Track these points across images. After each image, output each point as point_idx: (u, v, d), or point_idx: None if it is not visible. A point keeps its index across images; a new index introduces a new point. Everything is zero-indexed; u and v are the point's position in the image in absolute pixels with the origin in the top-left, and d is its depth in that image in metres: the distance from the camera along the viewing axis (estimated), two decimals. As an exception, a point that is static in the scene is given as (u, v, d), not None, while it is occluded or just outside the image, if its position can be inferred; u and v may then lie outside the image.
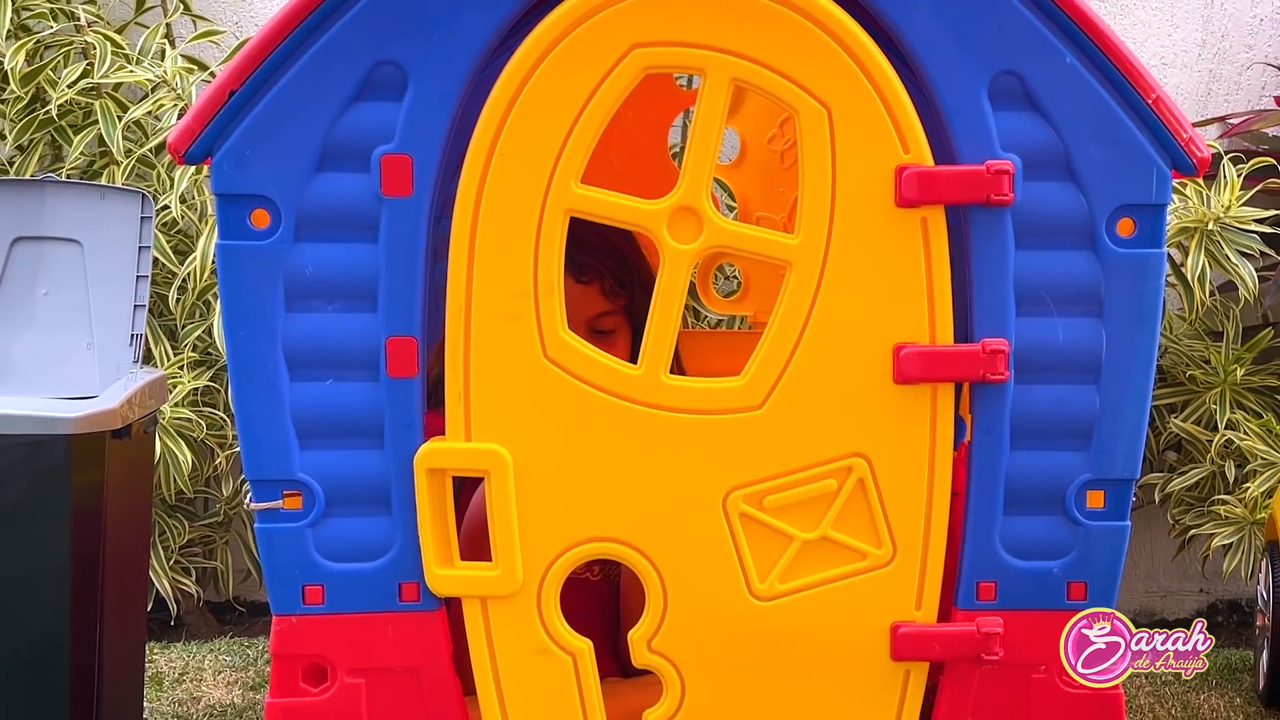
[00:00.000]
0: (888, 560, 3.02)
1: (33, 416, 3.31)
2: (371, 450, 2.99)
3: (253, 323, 2.96)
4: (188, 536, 5.30)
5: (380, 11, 2.90)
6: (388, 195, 2.93)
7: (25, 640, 3.34)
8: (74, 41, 5.22)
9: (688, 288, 3.03)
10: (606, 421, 2.97)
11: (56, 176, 5.05)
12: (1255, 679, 5.17)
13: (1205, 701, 4.99)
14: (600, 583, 3.46)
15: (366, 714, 3.03)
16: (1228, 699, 5.02)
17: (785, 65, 2.91)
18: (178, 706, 4.54)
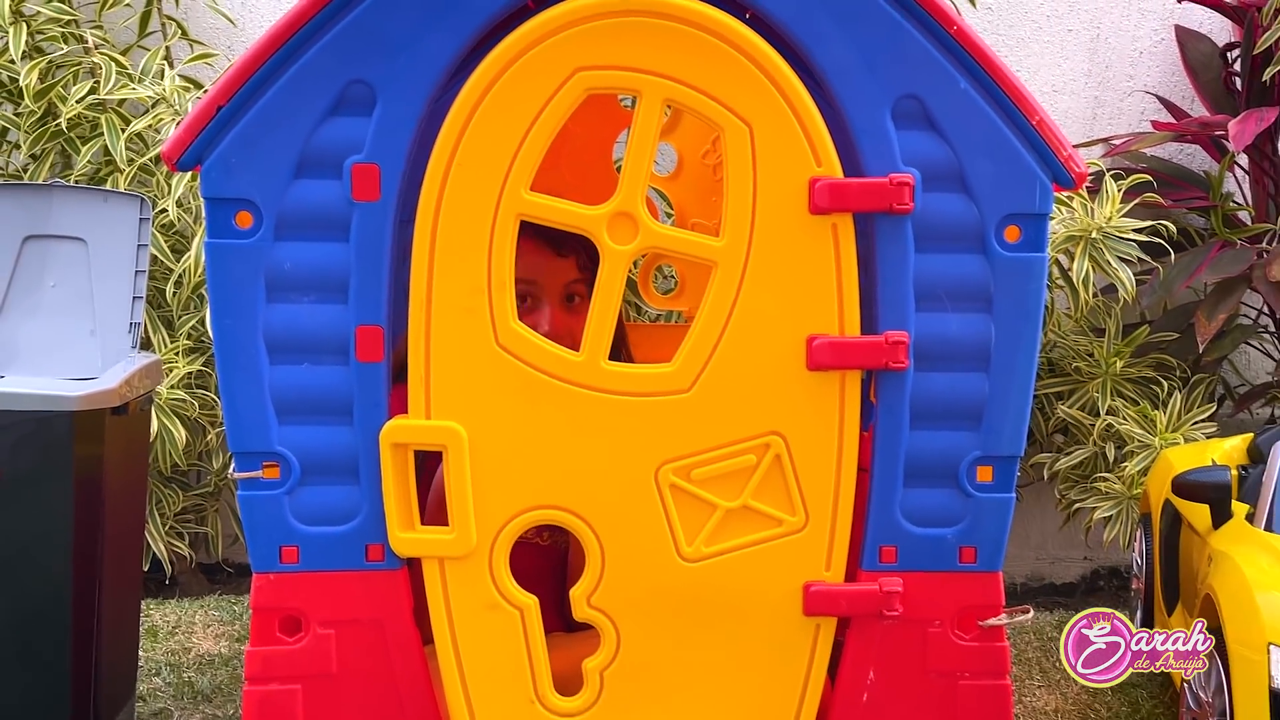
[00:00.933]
0: (801, 527, 3.03)
1: (40, 394, 3.30)
2: (342, 426, 3.00)
3: (237, 312, 2.97)
4: (182, 504, 5.28)
5: (352, 37, 2.90)
6: (358, 200, 2.93)
7: (32, 595, 3.33)
8: (82, 62, 5.19)
9: (624, 285, 3.04)
10: (551, 402, 2.98)
11: (64, 181, 5.05)
12: (1131, 635, 5.19)
13: (1087, 655, 5.01)
14: (550, 548, 3.46)
15: (336, 661, 3.04)
16: (1106, 653, 5.04)
17: (712, 88, 2.93)
18: (171, 656, 4.53)
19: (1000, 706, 3.13)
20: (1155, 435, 5.41)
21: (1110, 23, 5.99)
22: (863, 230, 2.99)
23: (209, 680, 4.34)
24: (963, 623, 3.11)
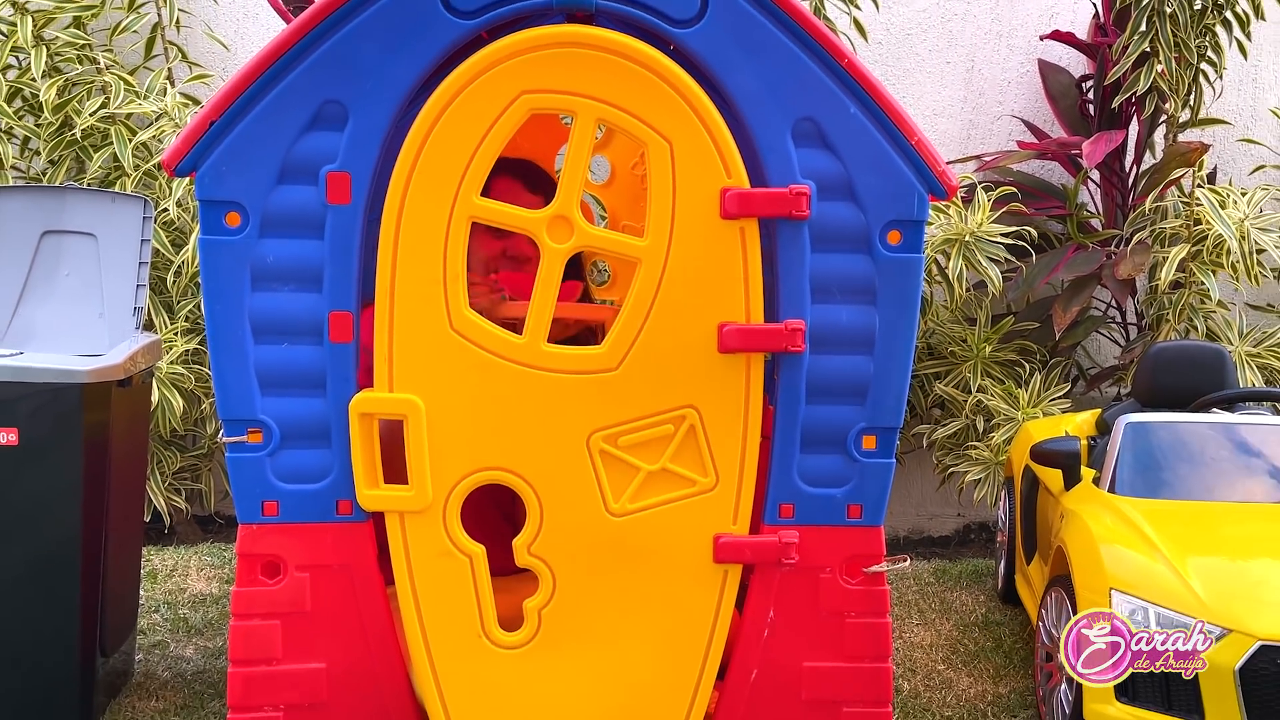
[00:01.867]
0: (712, 487, 3.05)
1: (54, 369, 3.28)
2: (316, 398, 3.00)
3: (226, 299, 2.96)
4: (179, 464, 5.26)
5: (327, 63, 2.89)
6: (331, 203, 2.93)
7: (47, 542, 3.32)
8: (95, 80, 5.15)
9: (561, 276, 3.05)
10: (497, 378, 2.98)
11: (77, 184, 5.02)
12: (995, 581, 5.25)
13: (958, 598, 5.07)
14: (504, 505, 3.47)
15: (310, 601, 3.04)
16: (974, 596, 5.10)
17: (638, 109, 2.94)
18: (168, 595, 4.52)
19: (881, 641, 3.16)
20: (1018, 410, 5.46)
21: (983, 56, 6.02)
22: (767, 232, 3.01)
23: (201, 616, 4.33)
24: (849, 569, 3.13)
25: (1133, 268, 5.35)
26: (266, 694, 3.05)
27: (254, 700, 3.05)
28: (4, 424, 3.28)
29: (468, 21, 2.92)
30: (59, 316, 3.70)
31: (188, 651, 4.02)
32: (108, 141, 5.07)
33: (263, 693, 3.05)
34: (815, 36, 2.95)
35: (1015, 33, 5.94)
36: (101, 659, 3.50)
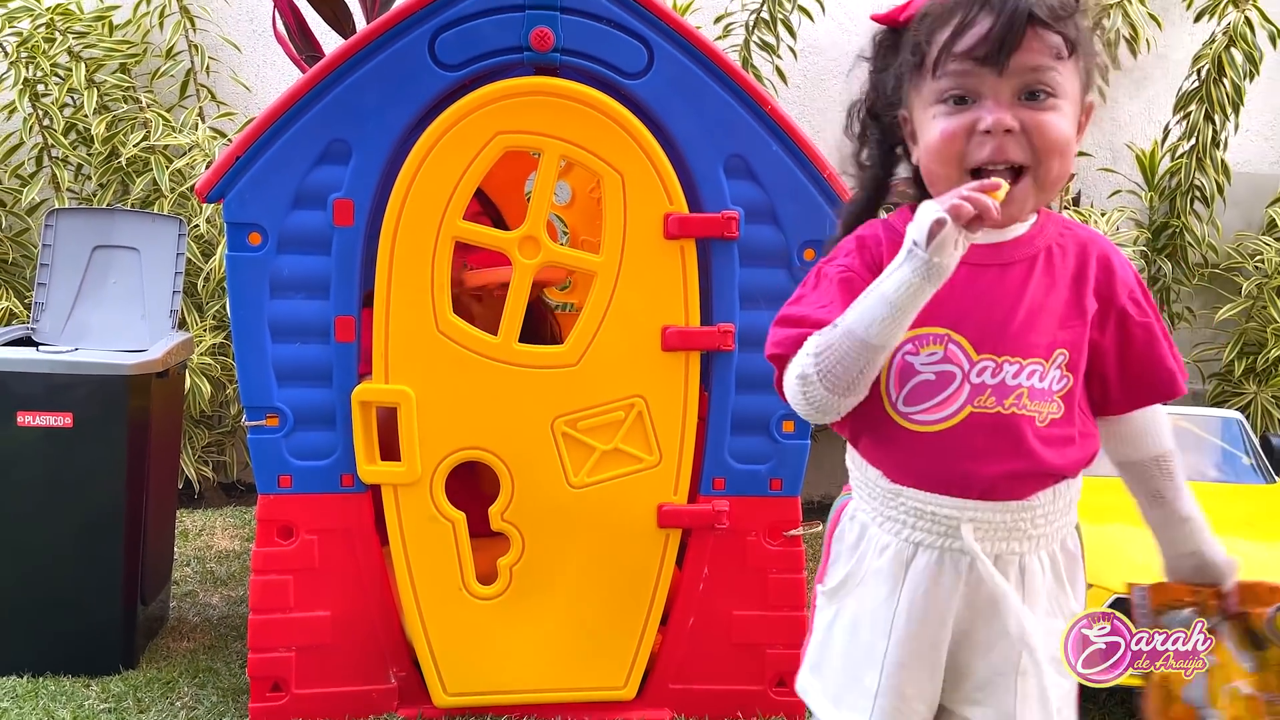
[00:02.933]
0: (656, 463, 3.08)
1: (104, 363, 3.28)
2: (324, 389, 3.01)
3: (248, 305, 2.97)
4: (207, 440, 5.25)
5: (335, 107, 2.90)
6: (337, 225, 2.94)
7: (96, 508, 3.31)
8: (138, 117, 5.13)
9: (530, 288, 3.07)
10: (476, 373, 3.01)
11: (123, 206, 5.00)
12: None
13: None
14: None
15: (318, 559, 3.05)
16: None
17: (595, 147, 2.96)
18: (197, 552, 4.51)
19: (796, 593, 3.19)
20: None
21: (888, 99, 6.04)
22: (703, 250, 3.04)
23: (225, 570, 4.32)
24: (771, 533, 3.17)
25: (1011, 277, 5.40)
26: (281, 637, 3.06)
27: (270, 642, 3.06)
28: (61, 409, 3.28)
29: (452, 73, 2.94)
30: (107, 318, 3.69)
31: (214, 600, 4.02)
32: (148, 169, 5.05)
33: (278, 636, 3.06)
34: (743, 86, 2.98)
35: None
36: (142, 606, 3.50)
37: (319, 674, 3.09)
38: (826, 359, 1.61)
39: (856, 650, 1.77)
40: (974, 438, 1.67)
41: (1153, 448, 1.87)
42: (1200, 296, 5.90)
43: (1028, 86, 1.61)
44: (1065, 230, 1.77)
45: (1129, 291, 1.76)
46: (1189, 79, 5.57)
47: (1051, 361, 1.69)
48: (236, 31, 5.49)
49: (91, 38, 5.19)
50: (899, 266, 1.56)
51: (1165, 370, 1.79)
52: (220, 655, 3.54)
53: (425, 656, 3.10)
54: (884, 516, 1.74)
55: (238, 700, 3.22)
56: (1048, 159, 1.63)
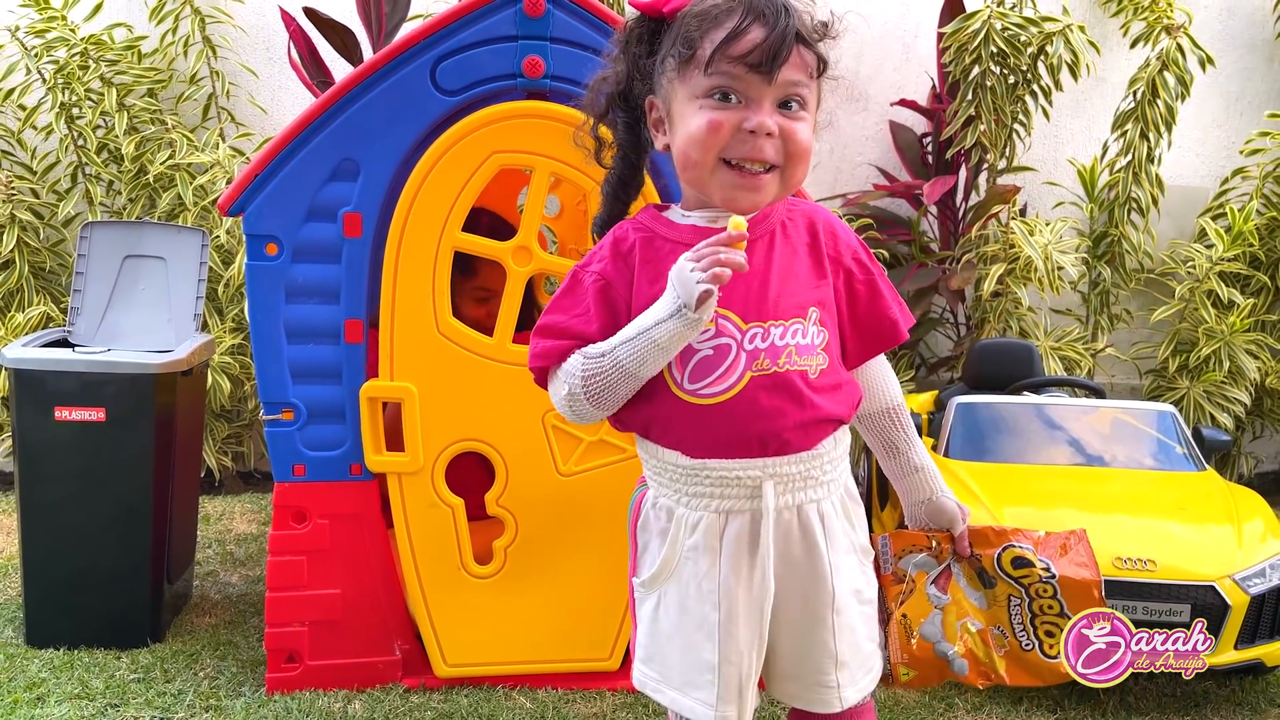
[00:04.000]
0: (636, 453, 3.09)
1: (134, 362, 3.29)
2: (335, 386, 3.03)
3: (266, 310, 2.99)
4: (227, 432, 5.24)
5: (345, 130, 2.92)
6: (347, 237, 2.96)
7: (127, 495, 3.32)
8: (164, 137, 5.12)
9: (524, 291, 3.08)
10: (474, 371, 3.03)
11: (151, 219, 5.01)
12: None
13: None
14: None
15: (329, 541, 3.07)
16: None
17: (582, 164, 2.96)
18: (218, 534, 4.51)
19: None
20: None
21: (845, 119, 6.04)
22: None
23: (244, 551, 4.33)
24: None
25: (962, 281, 5.42)
26: (295, 613, 3.08)
27: (285, 618, 3.09)
28: (95, 404, 3.29)
29: (452, 98, 2.96)
30: (137, 321, 3.70)
31: (233, 579, 4.03)
32: (174, 184, 5.05)
33: (292, 612, 3.08)
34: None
35: (871, 100, 5.94)
36: (168, 585, 3.51)
37: (330, 647, 3.11)
38: (598, 384, 1.70)
39: (688, 627, 1.77)
40: (758, 399, 1.71)
41: (884, 400, 1.94)
42: (1137, 299, 5.95)
43: (786, 97, 1.68)
44: (791, 206, 1.84)
45: (852, 253, 1.84)
46: (1125, 100, 5.61)
47: (809, 319, 1.75)
48: (254, 59, 5.49)
49: (122, 65, 5.19)
50: (667, 318, 1.64)
51: (889, 320, 1.86)
52: (239, 630, 3.55)
53: (427, 631, 3.12)
54: (688, 494, 1.75)
55: (255, 671, 3.23)
56: (795, 162, 1.70)
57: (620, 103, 1.86)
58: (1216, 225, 5.61)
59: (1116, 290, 5.81)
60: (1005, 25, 5.28)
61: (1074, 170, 5.85)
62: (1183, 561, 3.22)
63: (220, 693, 3.11)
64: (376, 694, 3.11)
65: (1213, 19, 6.06)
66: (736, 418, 1.71)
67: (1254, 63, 6.20)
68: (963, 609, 1.93)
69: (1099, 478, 3.81)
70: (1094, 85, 5.81)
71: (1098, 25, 5.80)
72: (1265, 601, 3.25)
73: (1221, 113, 6.19)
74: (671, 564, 1.79)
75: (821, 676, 1.82)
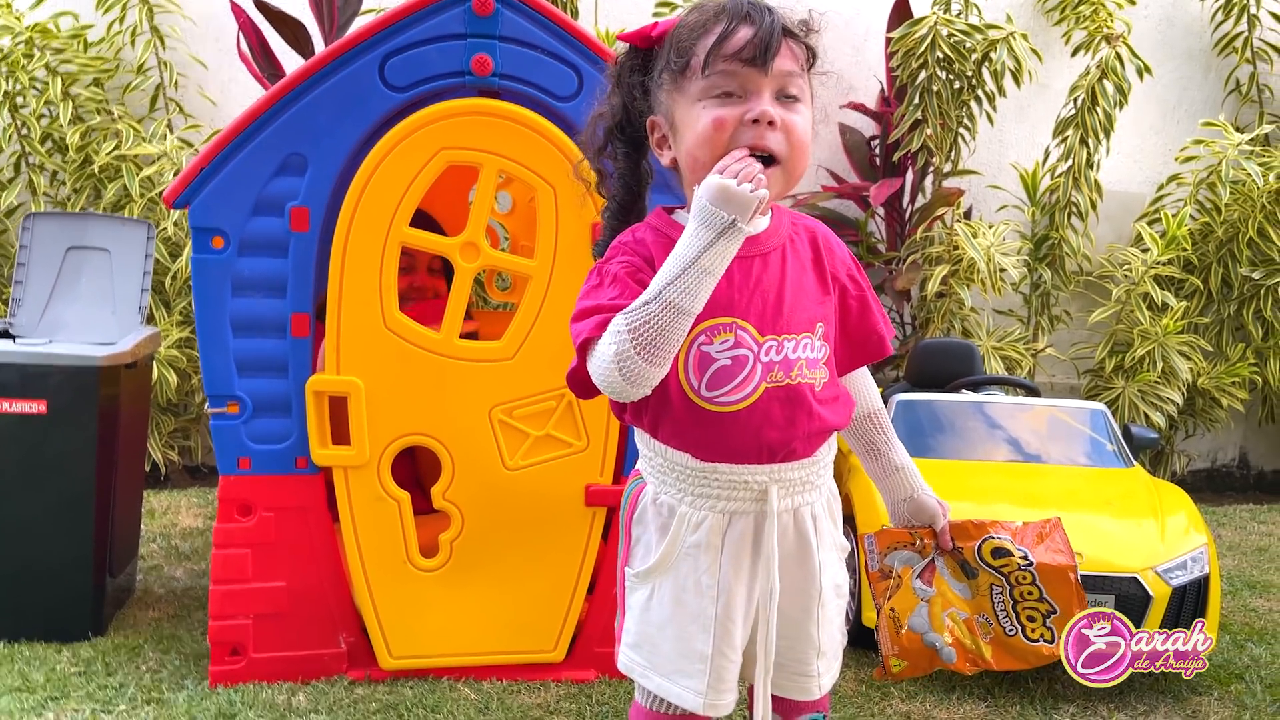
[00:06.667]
0: (584, 448, 3.12)
1: (76, 355, 3.26)
2: (281, 379, 3.02)
3: (212, 303, 2.97)
4: (173, 426, 5.21)
5: (293, 124, 2.92)
6: (294, 231, 2.95)
7: (69, 489, 3.28)
8: (110, 127, 5.08)
9: (471, 288, 3.09)
10: (420, 365, 3.03)
11: (95, 211, 4.97)
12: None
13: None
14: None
15: (274, 534, 3.06)
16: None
17: (530, 162, 3.00)
18: (163, 529, 4.48)
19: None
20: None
21: (799, 120, 6.09)
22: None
23: (189, 545, 4.31)
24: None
25: (908, 281, 5.49)
26: (240, 606, 3.07)
27: (230, 611, 3.07)
28: (36, 396, 3.26)
29: (399, 94, 2.96)
30: (80, 314, 3.67)
31: (178, 573, 4.01)
32: (120, 175, 5.01)
33: (237, 605, 3.07)
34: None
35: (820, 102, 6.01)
36: (110, 579, 3.48)
37: (274, 639, 3.10)
38: (648, 333, 1.63)
39: (683, 618, 1.81)
40: (771, 410, 1.75)
41: (866, 406, 2.00)
42: (1076, 301, 6.04)
43: (783, 88, 1.72)
44: (795, 221, 1.89)
45: (846, 269, 1.90)
46: (1066, 107, 5.69)
47: (815, 334, 1.80)
48: (203, 50, 5.46)
49: (68, 54, 5.15)
50: (716, 239, 1.62)
51: (877, 334, 1.92)
52: (183, 623, 3.53)
53: (372, 623, 3.12)
54: (694, 495, 1.78)
55: (199, 664, 3.22)
56: (797, 153, 1.73)
57: (618, 134, 1.88)
58: (1152, 230, 5.71)
59: (1056, 292, 5.90)
60: (951, 31, 5.35)
61: (1016, 175, 5.93)
62: (1107, 554, 3.31)
63: (163, 685, 3.09)
64: (321, 686, 3.10)
65: (1152, 28, 6.17)
66: (750, 427, 1.75)
67: (1191, 72, 6.32)
68: (948, 600, 1.99)
69: (1034, 474, 3.87)
70: (1037, 92, 5.89)
71: (1041, 33, 5.89)
72: (1186, 593, 3.33)
73: (1159, 120, 6.30)
74: (670, 559, 1.82)
75: (804, 666, 1.89)
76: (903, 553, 2.00)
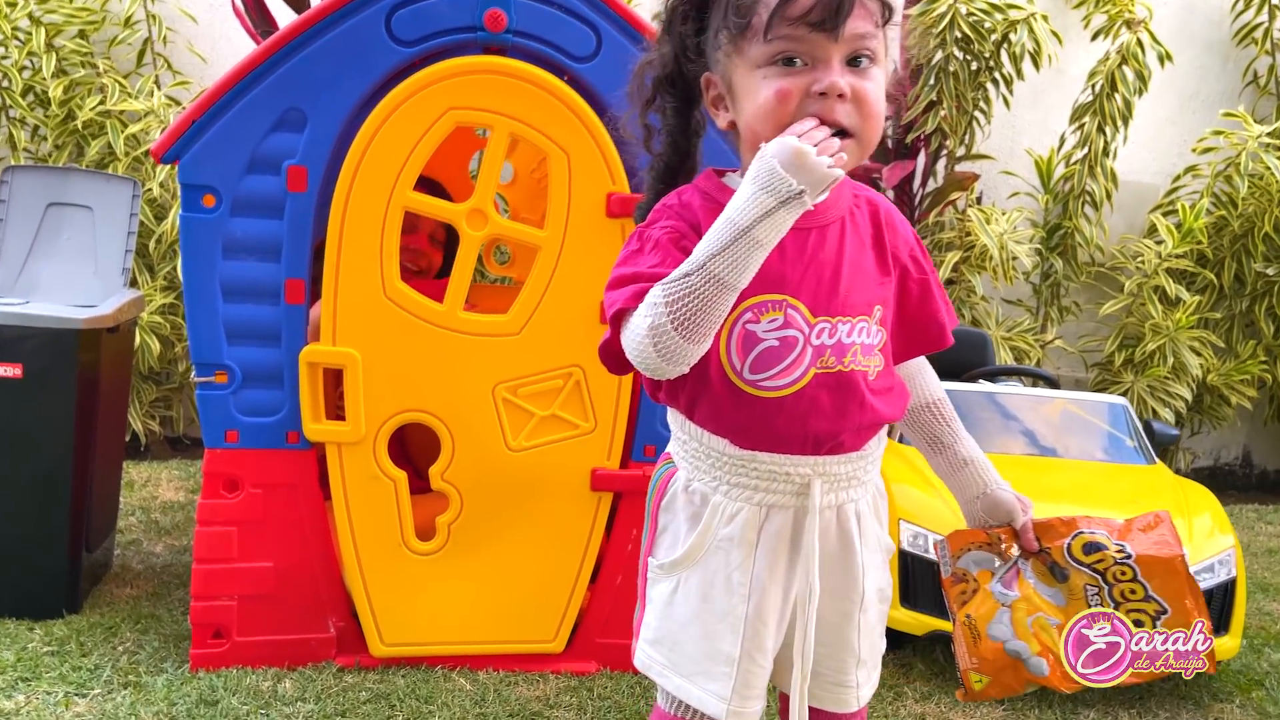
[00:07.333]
0: (591, 430, 2.98)
1: (56, 317, 3.10)
2: (273, 348, 2.86)
3: (201, 265, 2.81)
4: (155, 395, 5.06)
5: (292, 77, 2.76)
6: (291, 191, 2.79)
7: (46, 457, 3.14)
8: (95, 82, 4.91)
9: (476, 257, 2.95)
10: (421, 338, 2.88)
11: (78, 166, 4.80)
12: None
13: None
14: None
15: (262, 511, 2.91)
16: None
17: (543, 126, 2.84)
18: (142, 502, 4.33)
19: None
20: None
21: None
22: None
23: (169, 520, 4.15)
24: (696, 498, 3.08)
25: (916, 268, 5.37)
26: (224, 586, 2.92)
27: (213, 591, 2.92)
28: (11, 360, 3.10)
29: (406, 49, 2.80)
30: (59, 273, 3.51)
31: (158, 549, 3.85)
32: (104, 132, 4.85)
33: (221, 585, 2.92)
34: (686, 75, 2.88)
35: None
36: (86, 553, 3.32)
37: (260, 622, 2.95)
38: (687, 306, 1.47)
39: (709, 616, 1.67)
40: (820, 397, 1.60)
41: (925, 394, 1.84)
42: (1086, 292, 5.93)
43: (855, 52, 1.53)
44: (856, 192, 1.72)
45: (909, 249, 1.73)
46: (1084, 93, 5.57)
47: (872, 318, 1.64)
48: (194, 4, 5.28)
49: (52, 3, 4.96)
50: (776, 208, 1.45)
51: (937, 323, 1.75)
52: (163, 602, 3.38)
53: (364, 608, 2.98)
54: (730, 484, 1.64)
55: (179, 646, 3.07)
56: (871, 125, 1.55)
57: (668, 86, 1.70)
58: (1167, 221, 5.60)
59: (1067, 282, 5.78)
60: (970, 10, 5.20)
61: (1029, 161, 5.80)
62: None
63: (140, 668, 2.94)
64: (308, 673, 2.95)
65: (1171, 15, 6.04)
66: (796, 414, 1.60)
67: (1209, 62, 6.20)
68: (1034, 605, 1.79)
69: (1051, 468, 3.76)
70: (1052, 77, 5.75)
71: (1059, 16, 5.75)
72: (1213, 596, 3.22)
73: (1175, 110, 6.18)
74: (700, 551, 1.67)
75: (842, 676, 1.76)
76: (978, 553, 1.81)
